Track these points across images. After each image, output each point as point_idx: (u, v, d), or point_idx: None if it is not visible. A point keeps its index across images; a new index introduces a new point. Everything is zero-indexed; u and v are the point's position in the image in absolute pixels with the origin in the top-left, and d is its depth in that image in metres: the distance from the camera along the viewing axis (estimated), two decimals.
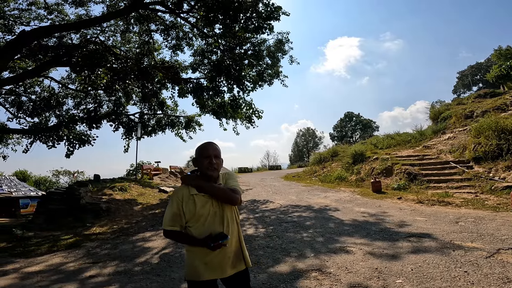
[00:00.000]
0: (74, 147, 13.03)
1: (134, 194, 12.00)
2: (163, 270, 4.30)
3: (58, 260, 5.25)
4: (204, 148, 1.87)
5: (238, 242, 1.90)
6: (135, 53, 13.01)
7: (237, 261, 1.86)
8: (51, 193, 10.01)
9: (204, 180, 1.84)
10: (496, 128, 10.03)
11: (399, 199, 8.35)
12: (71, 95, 14.14)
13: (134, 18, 12.42)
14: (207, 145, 1.89)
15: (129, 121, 15.28)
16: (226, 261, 1.80)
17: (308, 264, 3.90)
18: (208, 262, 1.77)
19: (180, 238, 1.86)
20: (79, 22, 11.52)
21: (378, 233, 5.13)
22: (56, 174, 32.98)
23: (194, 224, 1.78)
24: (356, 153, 14.72)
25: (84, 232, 7.46)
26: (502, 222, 5.01)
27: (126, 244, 6.03)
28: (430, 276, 3.10)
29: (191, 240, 1.79)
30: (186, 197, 1.79)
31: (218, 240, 1.69)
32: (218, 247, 1.69)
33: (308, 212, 7.57)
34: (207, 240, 1.70)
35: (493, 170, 9.19)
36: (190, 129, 15.70)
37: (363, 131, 55.51)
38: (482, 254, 3.58)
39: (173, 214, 1.78)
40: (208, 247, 1.69)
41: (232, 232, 1.84)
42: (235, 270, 1.83)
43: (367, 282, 3.15)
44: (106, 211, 9.35)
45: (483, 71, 46.00)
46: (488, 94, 18.56)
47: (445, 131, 15.00)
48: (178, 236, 1.84)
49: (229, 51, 11.84)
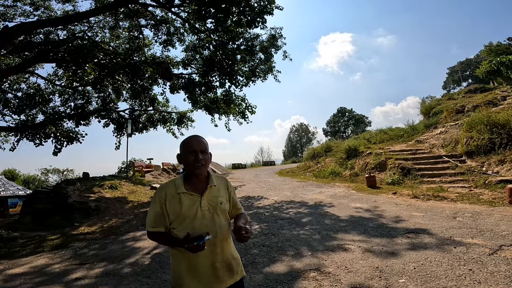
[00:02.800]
0: (61, 145, 12.67)
1: (124, 192, 11.71)
2: (154, 271, 4.11)
3: (44, 261, 5.02)
4: (188, 143, 1.67)
5: (230, 252, 1.69)
6: (124, 49, 12.66)
7: (227, 274, 1.63)
8: (38, 192, 9.69)
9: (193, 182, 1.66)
10: (488, 122, 10.06)
11: (394, 194, 8.30)
12: (58, 92, 13.76)
13: (123, 13, 12.06)
14: (191, 139, 1.69)
15: (120, 118, 14.94)
16: (211, 271, 1.58)
17: (305, 264, 3.76)
18: (191, 269, 1.57)
19: (162, 239, 1.67)
20: (65, 17, 11.16)
21: (376, 229, 5.02)
22: (45, 173, 32.17)
23: (179, 226, 1.59)
24: (349, 148, 14.67)
25: (71, 232, 7.20)
26: (500, 217, 4.96)
27: (116, 244, 5.81)
28: (434, 275, 2.98)
29: (171, 241, 1.60)
30: (171, 196, 1.61)
31: (193, 242, 1.45)
32: (194, 249, 1.46)
33: (303, 208, 7.45)
34: (183, 241, 1.50)
35: (486, 164, 9.22)
36: (182, 125, 15.42)
37: (355, 126, 55.91)
38: (485, 251, 3.49)
39: (156, 214, 1.62)
40: (186, 249, 1.48)
41: (222, 239, 1.63)
42: (224, 284, 1.61)
43: (369, 282, 3.02)
44: (95, 210, 9.08)
45: (473, 67, 46.68)
46: (478, 89, 18.76)
47: (437, 126, 15.07)
48: (161, 237, 1.65)
49: (222, 46, 11.60)
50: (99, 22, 12.74)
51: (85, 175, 13.67)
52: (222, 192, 1.74)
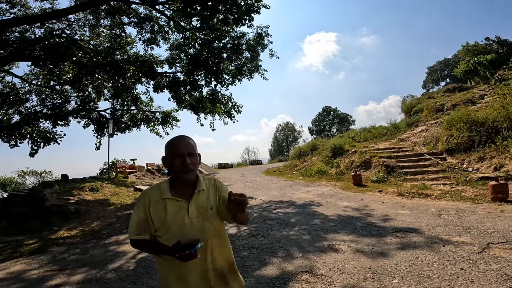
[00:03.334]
0: (38, 146, 12.13)
1: (106, 194, 11.30)
2: (140, 277, 3.93)
3: (21, 267, 4.73)
4: (173, 145, 1.50)
5: (226, 262, 1.56)
6: (105, 48, 12.25)
7: (221, 284, 1.51)
8: (13, 195, 9.19)
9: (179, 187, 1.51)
10: (467, 120, 10.38)
11: (380, 192, 8.42)
12: (34, 91, 13.16)
13: (105, 11, 11.66)
14: (177, 141, 1.51)
15: (100, 117, 14.43)
16: (203, 281, 1.46)
17: (297, 265, 3.70)
18: (181, 278, 1.45)
19: (147, 248, 1.54)
20: (42, 15, 10.76)
21: (365, 228, 5.04)
22: (22, 175, 30.64)
23: (165, 234, 1.45)
24: (335, 146, 14.84)
25: (50, 236, 6.84)
26: (484, 214, 5.09)
27: (98, 248, 5.56)
28: (427, 275, 2.99)
29: (158, 249, 1.46)
30: (155, 201, 1.47)
31: (184, 250, 1.34)
32: (185, 258, 1.34)
33: (291, 208, 7.43)
34: (173, 250, 1.36)
35: (466, 162, 9.51)
36: (167, 125, 15.08)
37: (340, 125, 56.76)
38: (473, 249, 3.54)
39: (139, 220, 1.47)
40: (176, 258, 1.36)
41: (214, 246, 1.50)
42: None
43: (362, 284, 2.99)
44: (75, 213, 8.70)
45: (451, 67, 48.39)
46: (457, 88, 19.41)
47: (418, 124, 15.48)
48: (145, 245, 1.51)
49: (208, 44, 11.41)
50: (79, 21, 12.33)
51: (64, 177, 13.12)
52: (211, 196, 1.57)
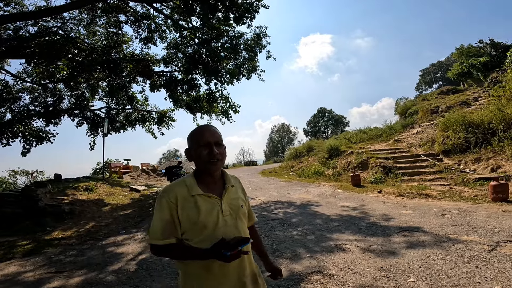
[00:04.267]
0: (30, 145, 11.84)
1: (101, 194, 11.07)
2: (142, 279, 3.79)
3: (15, 269, 4.55)
4: (199, 134, 1.36)
5: (253, 262, 1.47)
6: (101, 45, 12.05)
7: (253, 287, 1.39)
8: (4, 195, 8.90)
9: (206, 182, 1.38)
10: (463, 122, 10.49)
11: (379, 193, 8.41)
12: (27, 89, 12.86)
13: (101, 8, 11.47)
14: (203, 130, 1.38)
15: (95, 116, 14.19)
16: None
17: (306, 266, 3.62)
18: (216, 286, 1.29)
19: (177, 253, 1.32)
20: (36, 12, 10.55)
21: (369, 228, 5.00)
22: (13, 175, 29.84)
23: (195, 236, 1.29)
24: (331, 147, 14.85)
25: (44, 237, 6.62)
26: (487, 213, 5.10)
27: (95, 249, 5.38)
28: (442, 273, 2.94)
29: (193, 253, 1.26)
30: (183, 199, 1.29)
31: (237, 247, 1.18)
32: (236, 256, 1.20)
33: (292, 208, 7.36)
34: (219, 248, 1.20)
35: (462, 163, 9.59)
36: (162, 124, 14.90)
37: (335, 127, 57.15)
38: (484, 248, 3.53)
39: (165, 222, 1.28)
40: (220, 259, 1.19)
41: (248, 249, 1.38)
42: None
43: (377, 283, 2.93)
44: (70, 214, 8.48)
45: (444, 69, 49.19)
46: (450, 90, 19.71)
47: (414, 126, 15.62)
48: (174, 251, 1.31)
49: (206, 43, 11.30)
50: (74, 18, 12.10)
51: (57, 177, 12.85)
52: (240, 193, 1.48)
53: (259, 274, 1.48)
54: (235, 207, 1.40)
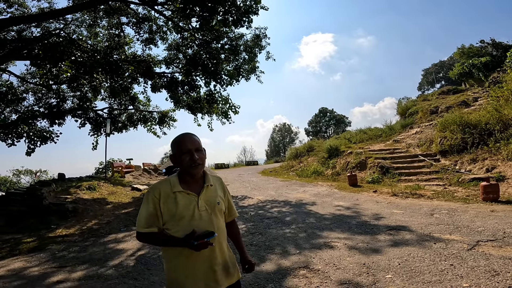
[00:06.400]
0: (35, 145, 12.10)
1: (104, 193, 11.33)
2: (141, 273, 4.01)
3: (21, 264, 4.77)
4: (180, 142, 1.57)
5: (229, 255, 1.67)
6: (103, 47, 12.28)
7: (225, 277, 1.60)
8: (10, 194, 9.17)
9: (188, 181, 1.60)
10: (460, 122, 10.58)
11: (374, 192, 8.57)
12: (31, 90, 13.14)
13: (103, 10, 11.69)
14: (183, 138, 1.59)
15: (97, 117, 14.44)
16: (211, 275, 1.54)
17: (294, 261, 3.81)
18: (190, 274, 1.51)
19: (157, 240, 1.57)
20: (39, 15, 10.79)
21: (359, 227, 5.17)
22: (17, 174, 30.32)
23: (174, 226, 1.51)
24: (331, 147, 14.99)
25: (48, 235, 6.88)
26: (475, 213, 5.25)
27: (97, 246, 5.62)
28: (418, 270, 3.12)
29: (169, 240, 1.51)
30: (165, 195, 1.53)
31: (203, 238, 1.41)
32: (203, 246, 1.42)
33: (288, 207, 7.54)
34: (189, 238, 1.42)
35: (458, 163, 9.71)
36: (164, 124, 15.14)
37: (336, 126, 57.07)
38: (463, 247, 3.68)
39: (149, 214, 1.51)
40: (190, 247, 1.42)
41: (220, 242, 1.60)
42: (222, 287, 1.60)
43: (357, 278, 3.11)
44: (73, 212, 8.73)
45: (446, 69, 48.94)
46: (451, 90, 19.72)
47: (413, 126, 15.71)
48: (154, 238, 1.55)
49: (206, 45, 11.49)
50: (76, 20, 12.33)
51: (61, 176, 13.09)
52: (219, 192, 1.70)
53: (233, 265, 1.68)
54: (211, 204, 1.61)
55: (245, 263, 1.77)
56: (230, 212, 1.80)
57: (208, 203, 1.60)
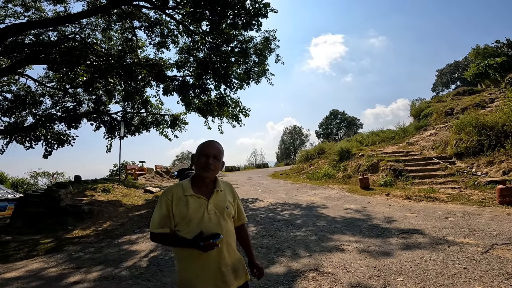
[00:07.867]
0: (52, 147, 12.48)
1: (118, 195, 11.58)
2: (153, 274, 4.10)
3: (39, 265, 4.94)
4: (204, 145, 1.73)
5: (237, 258, 1.73)
6: (117, 51, 12.60)
7: (233, 278, 1.66)
8: (28, 195, 9.50)
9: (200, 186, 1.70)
10: (476, 124, 10.33)
11: (387, 196, 8.44)
12: (48, 94, 13.58)
13: (116, 14, 12.01)
14: (208, 143, 1.75)
15: (111, 120, 14.80)
16: (220, 276, 1.60)
17: (304, 264, 3.82)
18: (200, 274, 1.58)
19: (168, 240, 1.66)
20: (56, 19, 11.10)
21: (371, 230, 5.12)
22: (34, 176, 31.34)
23: (185, 228, 1.60)
24: (342, 150, 14.86)
25: (65, 236, 7.09)
26: (491, 217, 5.12)
27: (111, 247, 5.76)
28: (431, 274, 3.08)
29: (179, 241, 1.59)
30: (177, 198, 1.63)
31: (209, 239, 1.49)
32: (209, 247, 1.50)
33: (298, 210, 7.52)
34: (197, 239, 1.51)
35: (475, 166, 9.46)
36: (175, 127, 15.37)
37: (347, 129, 56.40)
38: (478, 250, 3.61)
39: (162, 216, 1.62)
40: (197, 247, 1.50)
41: (229, 244, 1.67)
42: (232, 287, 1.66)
43: (368, 281, 3.10)
44: (89, 213, 8.96)
45: (461, 70, 47.72)
46: (467, 91, 19.22)
47: (427, 128, 15.39)
48: (166, 239, 1.64)
49: (216, 48, 11.64)
50: (89, 24, 12.67)
51: (77, 178, 13.46)
52: (228, 197, 1.77)
53: (242, 267, 1.73)
54: (220, 207, 1.69)
55: (253, 267, 1.85)
56: (239, 217, 1.86)
57: (217, 207, 1.68)
